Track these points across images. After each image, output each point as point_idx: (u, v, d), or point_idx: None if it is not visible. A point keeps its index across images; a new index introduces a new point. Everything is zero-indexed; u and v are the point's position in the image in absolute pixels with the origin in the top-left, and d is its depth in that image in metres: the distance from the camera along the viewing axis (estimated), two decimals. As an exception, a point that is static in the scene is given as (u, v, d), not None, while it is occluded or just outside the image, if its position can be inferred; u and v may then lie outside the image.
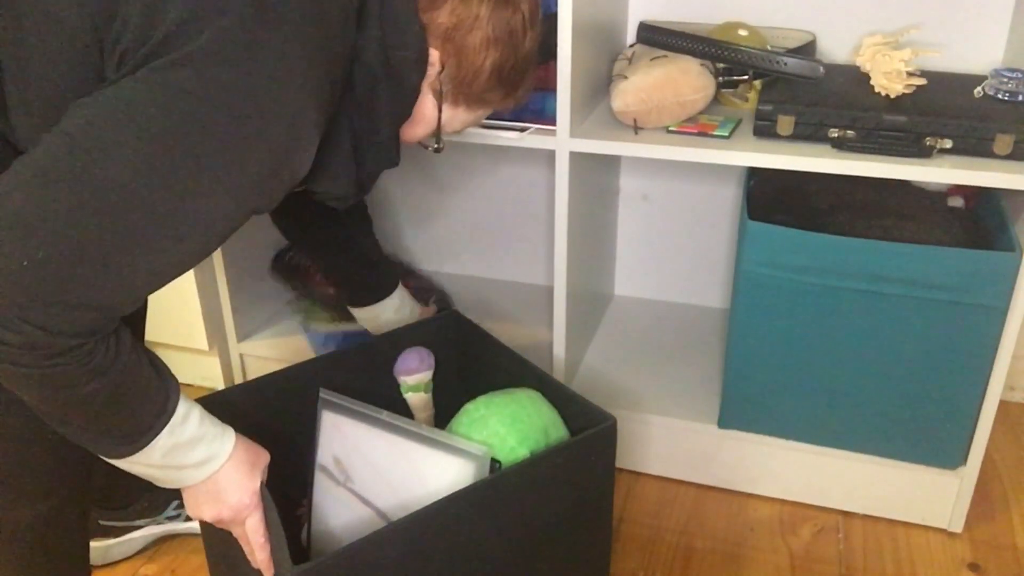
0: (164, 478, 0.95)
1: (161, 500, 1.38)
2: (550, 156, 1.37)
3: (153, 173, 0.77)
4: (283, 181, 0.88)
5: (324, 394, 1.16)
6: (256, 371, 1.74)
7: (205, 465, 0.96)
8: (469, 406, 1.13)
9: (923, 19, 1.49)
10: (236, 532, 1.03)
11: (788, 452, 1.44)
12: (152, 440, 0.89)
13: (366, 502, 1.10)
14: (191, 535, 1.41)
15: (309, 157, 0.90)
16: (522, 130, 1.35)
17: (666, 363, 1.65)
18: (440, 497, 0.97)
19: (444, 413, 1.30)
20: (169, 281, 0.85)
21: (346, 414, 1.13)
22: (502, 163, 1.82)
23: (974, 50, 1.48)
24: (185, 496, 1.00)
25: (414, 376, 1.29)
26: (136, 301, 0.84)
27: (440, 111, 1.02)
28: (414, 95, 0.99)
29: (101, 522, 1.34)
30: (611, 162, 1.69)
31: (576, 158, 1.36)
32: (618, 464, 1.55)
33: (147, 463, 0.91)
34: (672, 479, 1.53)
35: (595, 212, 1.60)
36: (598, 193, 1.60)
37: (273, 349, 1.69)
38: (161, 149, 0.78)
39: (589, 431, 1.09)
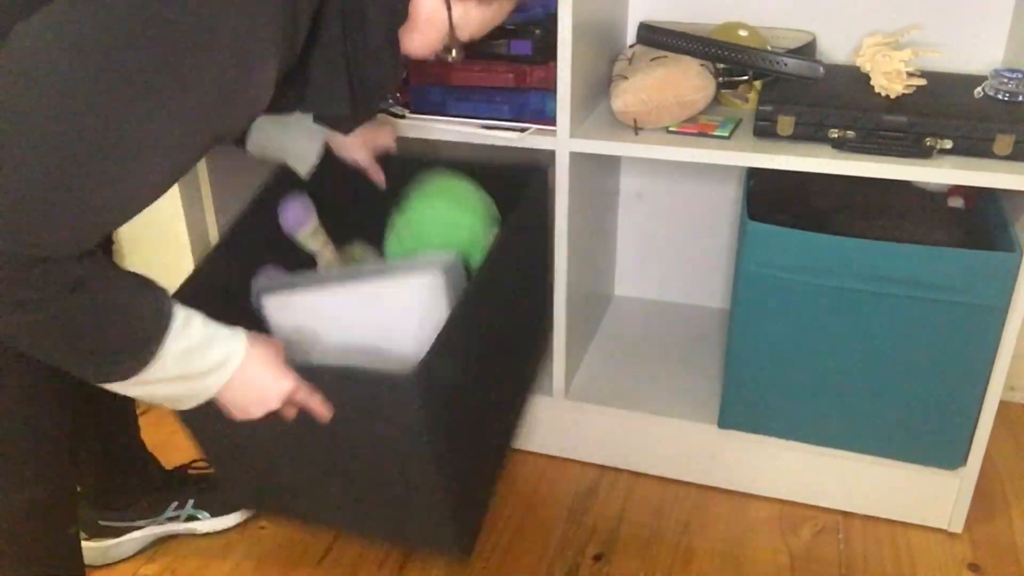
0: (189, 393, 0.91)
1: (161, 501, 1.38)
2: (550, 156, 1.37)
3: (92, 97, 0.72)
4: (240, 106, 0.82)
5: (259, 284, 1.11)
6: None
7: (225, 365, 0.92)
8: (409, 211, 1.11)
9: (923, 19, 1.49)
10: (288, 413, 1.01)
11: (788, 452, 1.44)
12: (158, 348, 0.85)
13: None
14: (191, 535, 1.41)
15: (268, 80, 0.83)
16: (522, 130, 1.35)
17: (666, 363, 1.65)
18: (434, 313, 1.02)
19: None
20: (134, 211, 0.81)
21: (291, 290, 1.08)
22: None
23: (974, 50, 1.48)
24: (229, 407, 0.96)
25: (306, 226, 1.26)
26: (99, 231, 0.79)
27: (449, 7, 0.93)
28: None
29: (101, 523, 1.34)
30: (611, 162, 1.69)
31: (576, 158, 1.36)
32: (618, 464, 1.56)
33: (163, 377, 0.87)
34: (672, 479, 1.53)
35: (595, 212, 1.60)
36: (598, 193, 1.60)
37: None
38: (98, 74, 0.72)
39: (531, 188, 1.13)
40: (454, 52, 0.97)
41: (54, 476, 1.07)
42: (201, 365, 0.90)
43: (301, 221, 1.26)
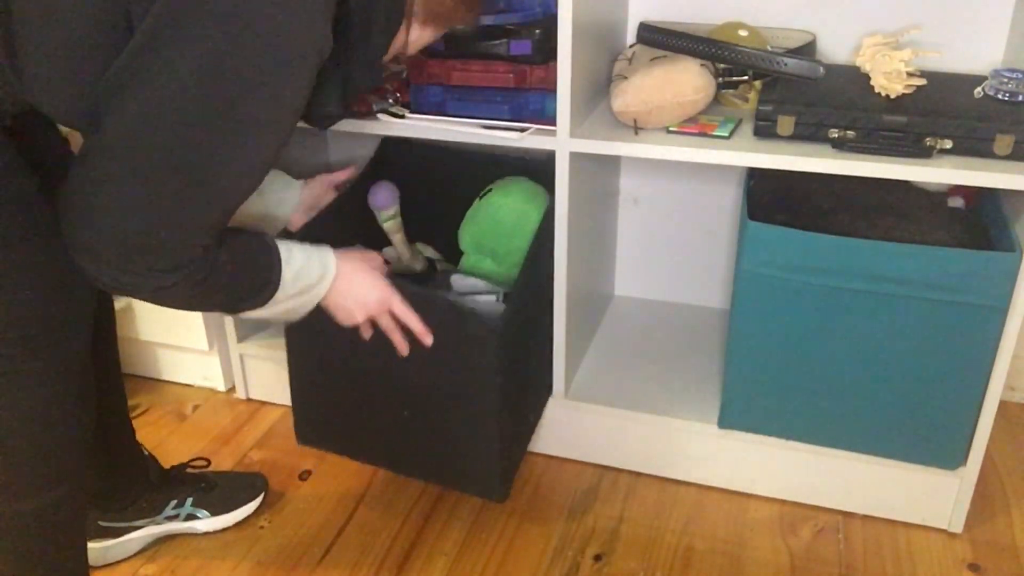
0: (303, 304, 1.13)
1: (160, 500, 1.38)
2: (550, 156, 1.37)
3: (211, 135, 0.89)
4: (299, 107, 0.96)
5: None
6: (256, 371, 1.74)
7: (325, 277, 1.14)
8: (488, 203, 1.43)
9: (923, 19, 1.49)
10: (384, 323, 1.24)
11: (788, 452, 1.44)
12: (279, 278, 1.06)
13: None
14: (190, 535, 1.41)
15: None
16: (522, 130, 1.35)
17: (666, 363, 1.65)
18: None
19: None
20: (248, 194, 0.98)
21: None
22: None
23: (974, 50, 1.48)
24: (337, 316, 1.19)
25: (389, 208, 1.49)
26: (228, 217, 0.98)
27: (408, 31, 1.08)
28: (408, 6, 1.05)
29: (100, 523, 1.34)
30: (611, 162, 1.69)
31: (576, 158, 1.36)
32: (618, 464, 1.56)
33: (284, 296, 1.08)
34: (672, 479, 1.53)
35: (595, 212, 1.60)
36: (598, 193, 1.60)
37: (273, 349, 1.69)
38: (216, 118, 0.88)
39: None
40: (400, 65, 1.16)
41: (69, 479, 1.08)
42: (308, 280, 1.11)
43: (388, 202, 1.49)
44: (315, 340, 1.38)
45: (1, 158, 0.92)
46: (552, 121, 1.33)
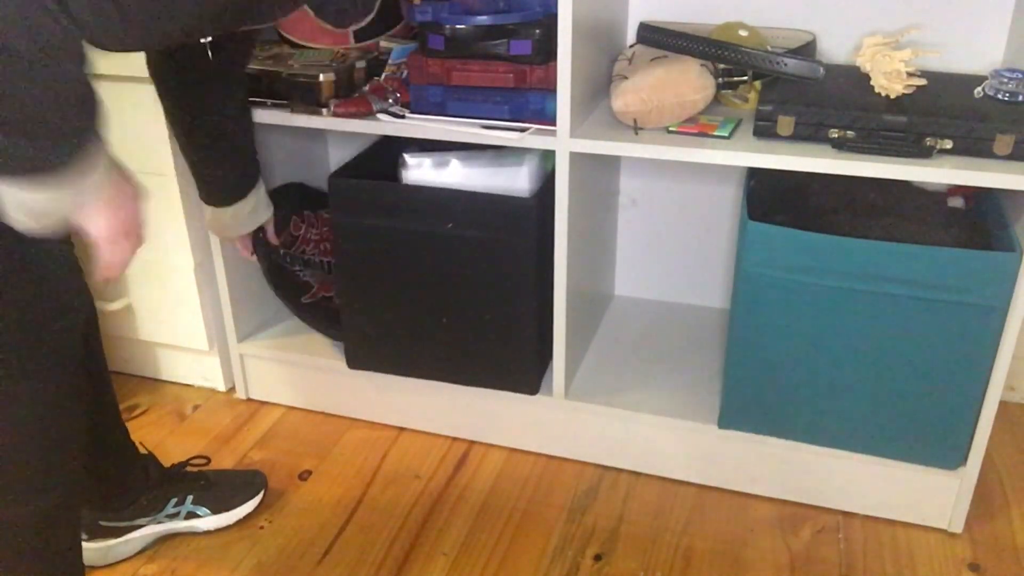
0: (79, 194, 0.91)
1: (160, 498, 1.38)
2: (550, 156, 1.38)
3: None
4: None
5: (407, 156, 1.45)
6: (256, 371, 1.74)
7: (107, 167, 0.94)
8: None
9: (923, 19, 1.49)
10: (123, 247, 0.97)
11: (788, 452, 1.44)
12: (96, 134, 0.89)
13: None
14: (191, 534, 1.42)
15: None
16: (522, 130, 1.35)
17: (666, 363, 1.65)
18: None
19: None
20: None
21: (428, 157, 1.44)
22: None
23: (974, 50, 1.48)
24: (93, 222, 0.93)
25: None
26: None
27: None
28: None
29: (101, 523, 1.34)
30: (611, 162, 1.69)
31: (576, 158, 1.36)
32: (618, 464, 1.56)
33: (92, 170, 0.90)
34: (672, 479, 1.53)
35: (595, 212, 1.60)
36: (598, 193, 1.60)
37: (273, 349, 1.69)
38: None
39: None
40: None
41: (64, 483, 1.08)
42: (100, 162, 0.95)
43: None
44: (360, 274, 1.52)
45: None
46: (552, 121, 1.33)
